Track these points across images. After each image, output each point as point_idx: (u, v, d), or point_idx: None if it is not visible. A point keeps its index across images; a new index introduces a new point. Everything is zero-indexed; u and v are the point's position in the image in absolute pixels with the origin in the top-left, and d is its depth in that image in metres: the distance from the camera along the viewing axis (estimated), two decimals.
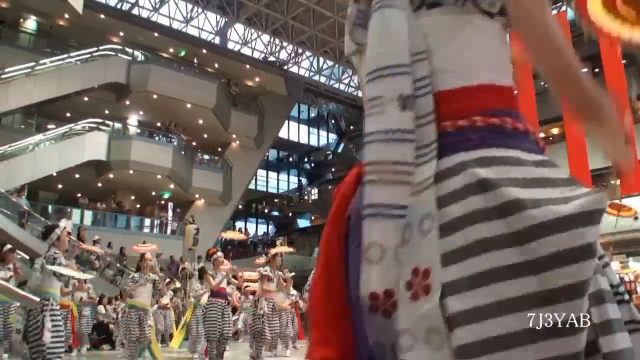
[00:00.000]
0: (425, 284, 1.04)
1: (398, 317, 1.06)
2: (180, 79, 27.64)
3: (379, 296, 1.11)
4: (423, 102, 1.15)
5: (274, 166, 44.44)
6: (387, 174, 1.15)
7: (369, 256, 1.13)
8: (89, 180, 26.68)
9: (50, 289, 6.30)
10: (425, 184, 1.10)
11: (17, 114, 25.03)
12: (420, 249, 1.07)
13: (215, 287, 9.77)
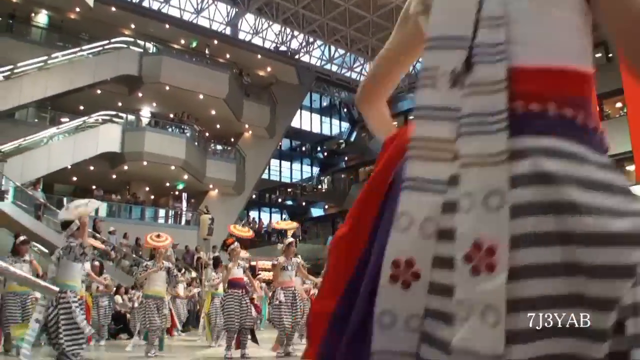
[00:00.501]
0: (489, 261, 1.03)
1: (455, 288, 1.06)
2: (192, 70, 27.71)
3: (401, 264, 1.13)
4: (493, 69, 1.11)
5: (286, 155, 44.44)
6: (429, 150, 1.17)
7: (398, 224, 1.15)
8: (103, 172, 26.85)
9: (68, 281, 6.16)
10: (496, 159, 1.07)
11: (30, 107, 25.17)
12: (483, 223, 1.05)
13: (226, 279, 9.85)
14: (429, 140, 1.17)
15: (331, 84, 41.61)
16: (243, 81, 32.27)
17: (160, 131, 27.57)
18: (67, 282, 6.07)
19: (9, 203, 19.49)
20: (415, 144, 1.19)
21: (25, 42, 24.31)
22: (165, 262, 10.06)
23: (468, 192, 1.08)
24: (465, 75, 1.13)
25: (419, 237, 1.13)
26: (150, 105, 29.55)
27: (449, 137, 1.14)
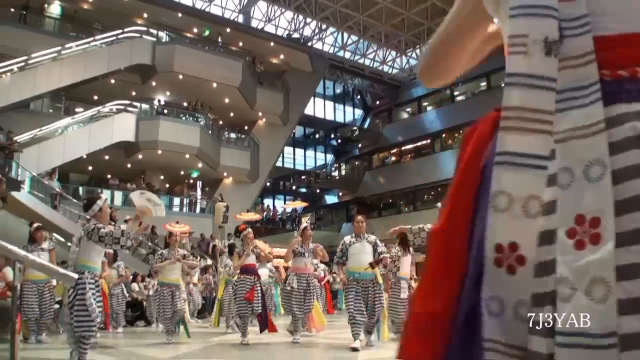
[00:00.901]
0: (593, 232, 0.98)
1: (557, 266, 1.00)
2: (206, 58, 27.76)
3: (504, 249, 1.07)
4: (580, 41, 1.09)
5: (300, 143, 44.47)
6: (526, 121, 1.10)
7: (496, 204, 1.09)
8: (118, 161, 27.01)
9: (88, 262, 6.11)
10: (593, 129, 1.03)
11: (45, 98, 25.34)
12: (586, 195, 1.01)
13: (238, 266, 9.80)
14: (524, 110, 1.10)
15: (344, 71, 41.52)
16: (256, 69, 32.27)
17: (175, 120, 27.67)
18: (86, 263, 6.04)
19: (26, 193, 19.64)
20: (509, 114, 1.12)
21: (39, 33, 24.44)
22: (181, 250, 10.02)
23: (566, 166, 1.05)
24: (557, 45, 1.10)
25: (521, 217, 1.07)
26: (164, 94, 29.64)
27: (547, 108, 1.09)
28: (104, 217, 6.35)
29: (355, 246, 8.71)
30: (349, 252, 8.72)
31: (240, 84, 28.61)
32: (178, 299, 9.55)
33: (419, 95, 40.70)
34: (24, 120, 22.90)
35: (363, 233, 8.88)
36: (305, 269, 9.90)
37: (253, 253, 9.90)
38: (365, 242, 8.73)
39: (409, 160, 39.50)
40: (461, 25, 1.42)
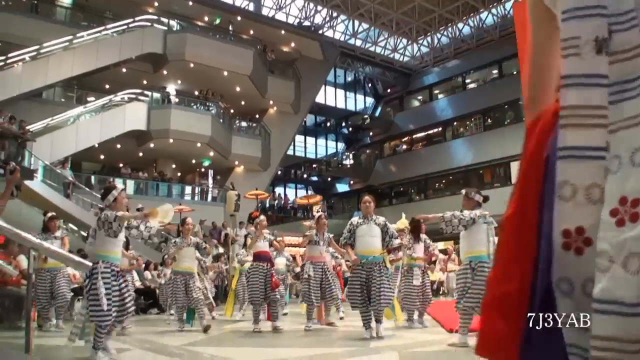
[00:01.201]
0: (633, 211, 1.06)
1: (598, 241, 1.10)
2: (217, 46, 27.76)
3: (571, 233, 1.16)
4: (628, 35, 1.16)
5: (311, 131, 44.44)
6: (583, 117, 1.19)
7: (562, 194, 1.19)
8: (130, 150, 27.11)
9: (102, 252, 6.11)
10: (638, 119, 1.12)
11: (57, 87, 25.44)
12: (629, 179, 1.09)
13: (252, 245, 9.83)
14: (581, 108, 1.19)
15: (355, 58, 41.39)
16: (267, 57, 32.24)
17: (186, 108, 27.72)
18: (100, 253, 6.08)
19: (39, 182, 19.74)
20: (567, 112, 1.21)
21: (50, 23, 24.50)
22: (194, 238, 9.92)
23: (616, 154, 1.12)
24: (607, 42, 1.17)
25: (585, 203, 1.17)
26: (175, 83, 29.69)
27: (601, 103, 1.17)
28: (119, 207, 6.36)
29: (362, 228, 8.20)
30: (356, 233, 8.22)
31: (251, 72, 28.61)
32: (192, 287, 9.44)
33: (430, 83, 40.59)
34: (37, 109, 23.02)
35: (371, 214, 8.35)
36: (321, 257, 9.86)
37: (266, 240, 9.84)
38: (373, 225, 8.20)
39: (421, 148, 39.43)
40: (545, 44, 1.48)
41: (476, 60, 36.73)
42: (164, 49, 26.72)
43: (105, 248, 6.08)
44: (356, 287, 7.93)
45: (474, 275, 6.79)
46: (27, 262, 6.31)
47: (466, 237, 7.10)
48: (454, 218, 6.93)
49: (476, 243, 6.99)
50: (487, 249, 6.93)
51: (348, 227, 8.34)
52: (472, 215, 6.97)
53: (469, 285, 6.78)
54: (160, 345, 6.29)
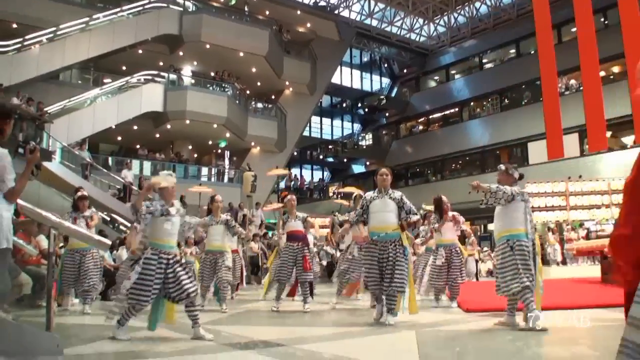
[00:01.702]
0: None
1: None
2: (232, 27, 27.72)
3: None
4: None
5: (327, 112, 44.41)
6: None
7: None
8: (147, 132, 27.22)
9: (152, 239, 6.28)
10: None
11: (74, 69, 25.54)
12: None
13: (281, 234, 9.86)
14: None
15: (371, 39, 41.18)
16: (283, 38, 32.16)
17: (202, 90, 27.73)
18: (151, 240, 6.30)
19: (57, 163, 19.87)
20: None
21: (66, 4, 24.48)
22: (223, 216, 9.76)
23: None
24: None
25: None
26: (191, 64, 29.71)
27: None
28: (167, 195, 6.54)
29: (376, 204, 7.56)
30: (370, 209, 7.59)
31: (267, 53, 28.56)
32: (220, 265, 9.36)
33: (447, 63, 40.35)
34: (54, 91, 23.17)
35: (387, 188, 7.63)
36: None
37: (298, 219, 9.75)
38: (388, 199, 7.53)
39: (437, 129, 39.32)
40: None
41: (493, 39, 36.47)
42: (179, 30, 26.73)
43: (154, 236, 6.28)
44: (373, 266, 7.34)
45: (513, 254, 6.52)
46: (47, 241, 6.38)
47: (503, 215, 6.80)
48: (499, 190, 6.62)
49: (514, 221, 6.67)
50: (525, 227, 6.63)
51: (361, 203, 7.78)
52: (513, 191, 6.69)
53: (508, 265, 6.53)
54: (180, 323, 6.34)
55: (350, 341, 5.56)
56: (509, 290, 6.47)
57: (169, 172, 6.82)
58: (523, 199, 6.76)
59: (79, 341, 6.04)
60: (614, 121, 22.61)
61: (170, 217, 6.36)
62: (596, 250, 14.29)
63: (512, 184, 6.88)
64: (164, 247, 6.24)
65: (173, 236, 6.40)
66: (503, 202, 6.64)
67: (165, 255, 6.20)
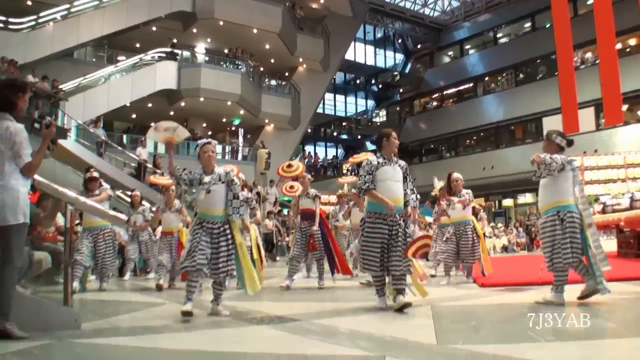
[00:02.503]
0: None
1: None
2: (246, 4, 27.57)
3: None
4: None
5: (341, 89, 44.24)
6: None
7: None
8: (161, 109, 27.24)
9: (198, 209, 6.24)
10: None
11: (88, 47, 25.57)
12: None
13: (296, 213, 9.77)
14: None
15: (385, 14, 40.87)
16: (296, 14, 32.01)
17: (216, 67, 27.72)
18: (198, 210, 6.26)
19: (72, 141, 20.00)
20: None
21: None
22: (244, 192, 9.17)
23: None
24: None
25: None
26: (205, 42, 29.66)
27: None
28: (206, 163, 6.35)
29: (386, 170, 6.40)
30: (377, 176, 6.36)
31: (280, 29, 28.46)
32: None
33: (461, 38, 40.04)
34: (68, 69, 23.26)
35: (396, 154, 6.60)
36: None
37: (309, 197, 9.59)
38: (397, 167, 6.50)
39: (451, 105, 39.12)
40: None
41: (508, 13, 36.11)
42: (193, 7, 26.67)
43: (198, 205, 6.26)
44: (375, 245, 6.23)
45: (563, 227, 6.17)
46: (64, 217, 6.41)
47: (551, 185, 6.35)
48: (552, 162, 6.17)
49: (564, 192, 6.28)
50: (574, 198, 6.29)
51: (367, 169, 6.42)
52: (563, 160, 6.26)
53: (559, 238, 6.17)
54: (197, 300, 6.37)
55: (366, 316, 5.58)
56: (554, 265, 6.21)
57: (171, 126, 6.66)
58: (572, 168, 6.39)
59: (96, 316, 6.11)
60: (630, 94, 22.43)
61: (205, 185, 6.18)
62: (612, 225, 14.19)
63: (558, 152, 6.44)
64: (206, 217, 6.12)
65: (214, 205, 6.14)
66: (555, 173, 6.24)
67: (209, 225, 6.10)
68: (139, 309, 6.81)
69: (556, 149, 6.47)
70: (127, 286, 10.37)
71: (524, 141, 31.86)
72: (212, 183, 6.18)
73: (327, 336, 4.64)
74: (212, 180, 6.21)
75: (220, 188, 6.21)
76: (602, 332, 4.71)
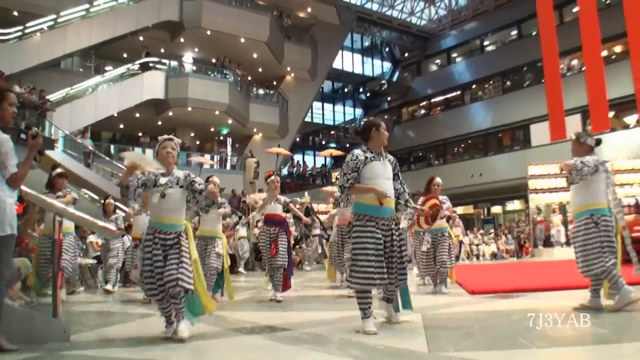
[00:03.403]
0: None
1: None
2: (233, 13, 27.63)
3: None
4: None
5: (329, 98, 44.29)
6: None
7: None
8: (149, 119, 27.21)
9: (151, 216, 5.40)
10: None
11: (75, 57, 25.50)
12: None
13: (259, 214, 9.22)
14: None
15: (372, 23, 41.02)
16: (283, 23, 32.07)
17: (203, 77, 27.73)
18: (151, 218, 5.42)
19: (60, 151, 19.90)
20: None
21: None
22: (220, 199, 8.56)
23: None
24: None
25: None
26: (192, 51, 29.66)
27: None
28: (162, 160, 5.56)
29: (375, 166, 5.59)
30: (364, 174, 5.51)
31: (268, 38, 28.49)
32: (210, 253, 8.63)
33: (448, 46, 40.21)
34: (55, 79, 23.18)
35: (386, 147, 5.92)
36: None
37: (278, 202, 8.97)
38: (387, 162, 5.74)
39: (439, 112, 39.24)
40: None
41: (494, 21, 36.30)
42: (180, 16, 26.67)
43: (151, 212, 5.51)
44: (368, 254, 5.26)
45: (598, 231, 5.92)
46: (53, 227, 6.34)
47: (583, 188, 6.11)
48: (584, 166, 5.95)
49: (597, 194, 6.06)
50: (607, 200, 6.06)
51: (352, 165, 5.60)
52: (595, 162, 6.04)
53: (594, 242, 5.92)
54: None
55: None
56: (591, 271, 5.94)
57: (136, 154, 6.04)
58: (605, 169, 6.13)
59: (85, 328, 6.06)
60: (616, 101, 22.57)
61: (159, 188, 5.34)
62: None
63: (585, 154, 6.21)
64: (158, 226, 5.27)
65: (168, 212, 5.31)
66: (588, 176, 6.01)
67: (162, 235, 5.24)
68: (129, 320, 6.77)
69: (587, 150, 6.26)
70: (118, 297, 10.29)
71: (512, 148, 31.97)
72: (169, 186, 5.34)
73: (318, 345, 4.62)
74: (168, 182, 5.37)
75: (178, 192, 5.37)
76: (593, 338, 4.72)
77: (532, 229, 22.33)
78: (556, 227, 20.85)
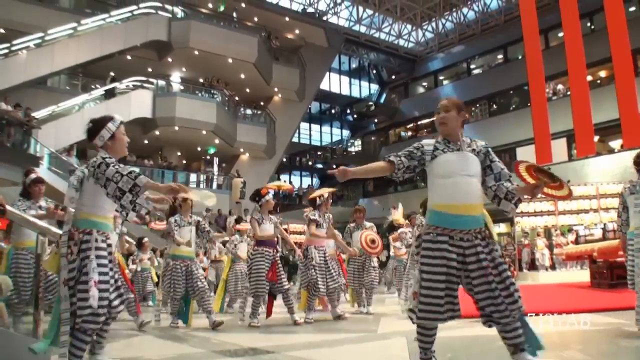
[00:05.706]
0: None
1: None
2: (221, 34, 27.70)
3: None
4: None
5: (316, 119, 44.40)
6: None
7: None
8: (135, 138, 27.09)
9: (95, 215, 4.50)
10: None
11: (62, 75, 25.45)
12: None
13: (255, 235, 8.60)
14: None
15: (360, 45, 41.25)
16: (272, 44, 32.19)
17: (191, 96, 27.73)
18: (91, 217, 4.51)
19: (45, 169, 19.76)
20: None
21: (54, 10, 24.43)
22: (194, 216, 8.48)
23: None
24: None
25: None
26: (180, 71, 29.67)
27: None
28: (119, 149, 4.77)
29: (449, 159, 4.11)
30: (434, 170, 4.12)
31: (256, 59, 28.56)
32: (197, 275, 8.15)
33: (435, 69, 40.47)
34: (42, 96, 23.10)
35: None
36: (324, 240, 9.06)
37: (272, 222, 8.72)
38: (469, 154, 4.27)
39: (426, 134, 39.28)
40: None
41: (481, 45, 36.59)
42: (168, 36, 26.70)
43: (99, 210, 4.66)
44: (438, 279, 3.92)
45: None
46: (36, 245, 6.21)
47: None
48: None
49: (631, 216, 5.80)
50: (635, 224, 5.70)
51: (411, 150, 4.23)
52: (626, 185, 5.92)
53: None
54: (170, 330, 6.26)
55: (341, 347, 5.52)
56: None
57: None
58: (633, 191, 5.86)
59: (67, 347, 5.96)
60: (601, 125, 22.72)
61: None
62: (585, 255, 14.28)
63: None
64: (108, 228, 4.54)
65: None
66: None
67: (109, 241, 4.51)
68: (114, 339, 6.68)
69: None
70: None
71: None
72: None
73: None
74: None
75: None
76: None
77: (517, 252, 22.36)
78: (541, 251, 20.86)
